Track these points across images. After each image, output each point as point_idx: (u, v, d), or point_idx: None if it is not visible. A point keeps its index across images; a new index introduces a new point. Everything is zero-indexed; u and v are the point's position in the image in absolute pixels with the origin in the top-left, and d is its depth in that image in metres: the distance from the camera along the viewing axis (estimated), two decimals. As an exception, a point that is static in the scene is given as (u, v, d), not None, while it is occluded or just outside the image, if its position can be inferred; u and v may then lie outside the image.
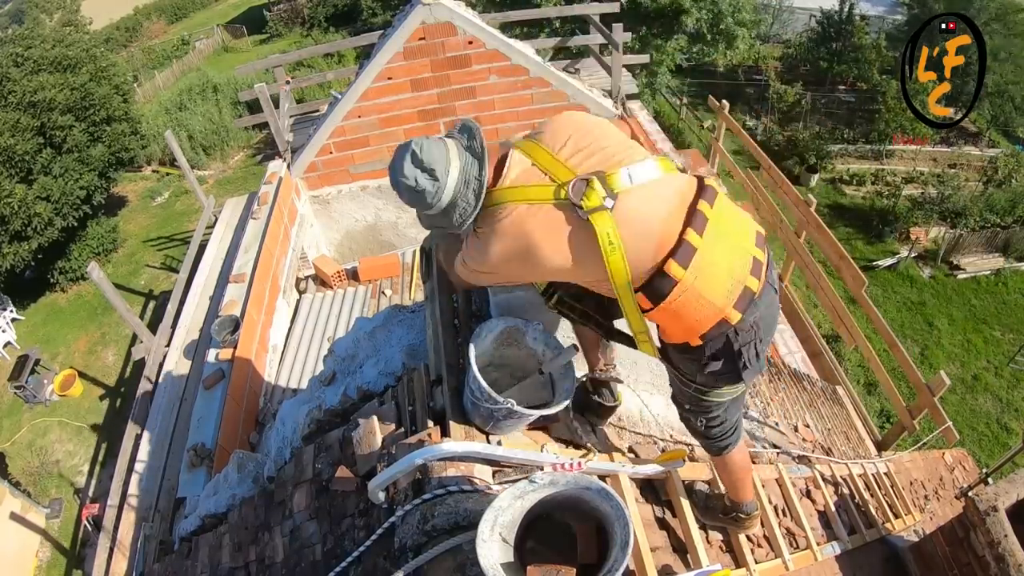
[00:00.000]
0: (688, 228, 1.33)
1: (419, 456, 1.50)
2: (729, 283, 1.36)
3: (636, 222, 1.33)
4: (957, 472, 4.67)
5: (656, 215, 1.35)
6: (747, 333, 1.41)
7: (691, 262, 1.32)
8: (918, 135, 13.91)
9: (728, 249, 1.38)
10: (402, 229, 6.48)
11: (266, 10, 23.89)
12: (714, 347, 1.42)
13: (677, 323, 1.40)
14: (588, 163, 1.38)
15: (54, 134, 10.38)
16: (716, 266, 1.35)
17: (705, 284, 1.34)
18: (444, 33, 5.24)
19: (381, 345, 2.38)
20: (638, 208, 1.34)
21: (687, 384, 1.57)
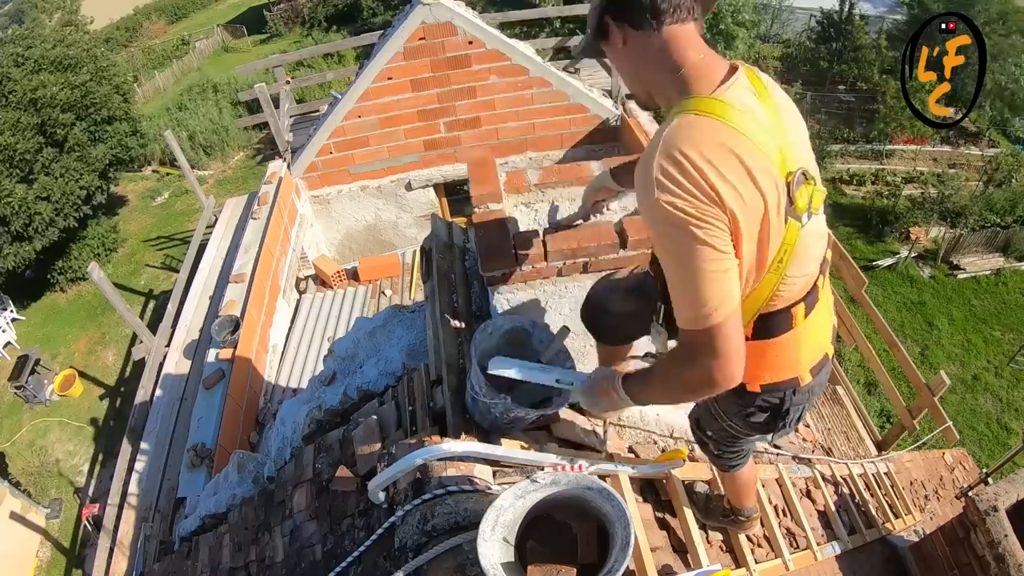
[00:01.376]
0: (821, 275, 1.21)
1: (419, 456, 1.50)
2: (819, 345, 1.28)
3: (806, 252, 1.15)
4: (957, 472, 4.66)
5: (817, 254, 1.20)
6: (802, 396, 1.31)
7: (812, 313, 1.21)
8: (918, 135, 13.92)
9: (826, 308, 1.28)
10: (402, 229, 6.47)
11: (266, 10, 23.89)
12: (768, 400, 1.31)
13: (754, 362, 1.22)
14: (803, 158, 1.12)
15: (55, 133, 10.38)
16: (818, 324, 1.25)
17: (806, 338, 1.23)
18: (444, 33, 5.24)
19: (381, 345, 2.38)
20: (813, 239, 1.16)
21: (719, 419, 1.48)
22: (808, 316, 1.21)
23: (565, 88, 5.74)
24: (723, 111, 1.01)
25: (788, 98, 1.20)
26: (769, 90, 1.13)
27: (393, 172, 6.04)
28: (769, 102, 1.10)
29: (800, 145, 1.14)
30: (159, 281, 12.64)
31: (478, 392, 1.55)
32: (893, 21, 16.76)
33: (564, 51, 8.10)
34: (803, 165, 1.09)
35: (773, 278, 1.13)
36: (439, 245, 2.18)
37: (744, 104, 1.05)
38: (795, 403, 1.32)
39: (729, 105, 1.03)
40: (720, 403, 1.44)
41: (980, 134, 14.90)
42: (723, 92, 1.05)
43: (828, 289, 1.31)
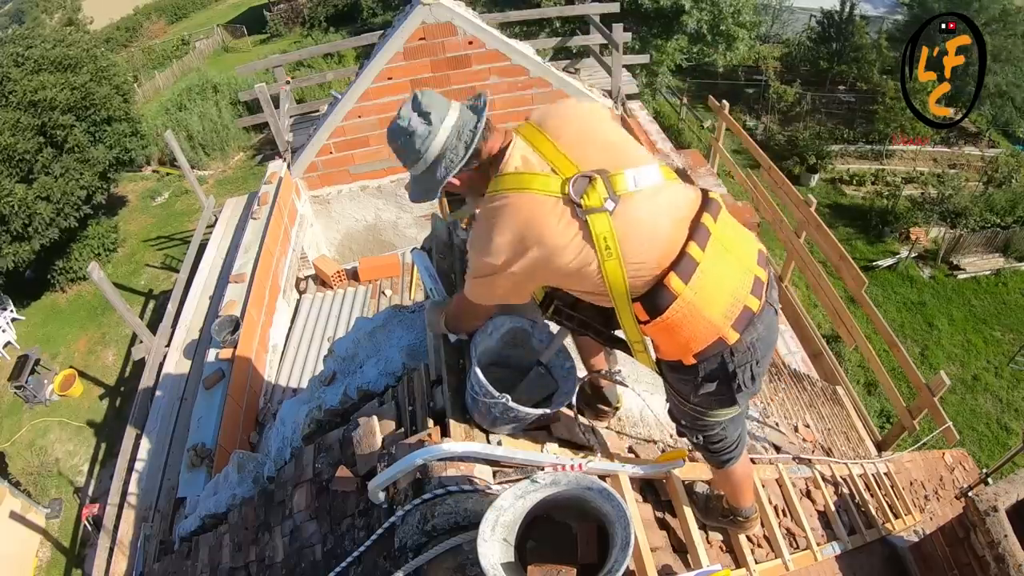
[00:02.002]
0: (691, 241, 1.28)
1: (419, 456, 1.50)
2: (729, 301, 1.32)
3: (638, 229, 1.28)
4: (957, 472, 4.66)
5: (660, 224, 1.30)
6: (743, 354, 1.35)
7: (692, 277, 1.27)
8: (918, 135, 13.93)
9: (730, 266, 1.33)
10: (402, 229, 6.48)
11: (266, 10, 23.89)
12: (708, 368, 1.37)
13: (671, 339, 1.35)
14: (592, 159, 1.31)
15: (55, 134, 10.38)
16: (717, 283, 1.31)
17: (704, 301, 1.29)
18: (444, 33, 5.24)
19: (381, 345, 2.38)
20: (641, 215, 1.28)
21: (682, 402, 1.52)
22: (691, 281, 1.27)
23: (565, 88, 5.74)
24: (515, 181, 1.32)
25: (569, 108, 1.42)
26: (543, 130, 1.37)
27: (393, 172, 6.05)
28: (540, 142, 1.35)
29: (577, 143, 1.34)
30: (159, 281, 12.64)
31: (478, 392, 1.55)
32: (893, 21, 16.77)
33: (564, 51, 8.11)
34: (585, 164, 1.30)
35: (613, 265, 1.27)
36: (439, 245, 2.19)
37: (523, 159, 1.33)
38: (738, 363, 1.36)
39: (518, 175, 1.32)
40: (674, 386, 1.50)
41: (980, 134, 14.90)
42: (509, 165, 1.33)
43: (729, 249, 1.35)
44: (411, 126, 1.35)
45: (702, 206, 1.35)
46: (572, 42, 7.53)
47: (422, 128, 1.34)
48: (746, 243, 1.41)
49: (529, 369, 1.74)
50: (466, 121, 1.36)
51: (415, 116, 1.35)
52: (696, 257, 1.28)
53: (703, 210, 1.33)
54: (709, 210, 1.34)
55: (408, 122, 1.35)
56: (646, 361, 1.49)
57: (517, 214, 1.29)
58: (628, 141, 1.41)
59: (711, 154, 6.88)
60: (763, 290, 1.37)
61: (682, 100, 16.12)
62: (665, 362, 1.45)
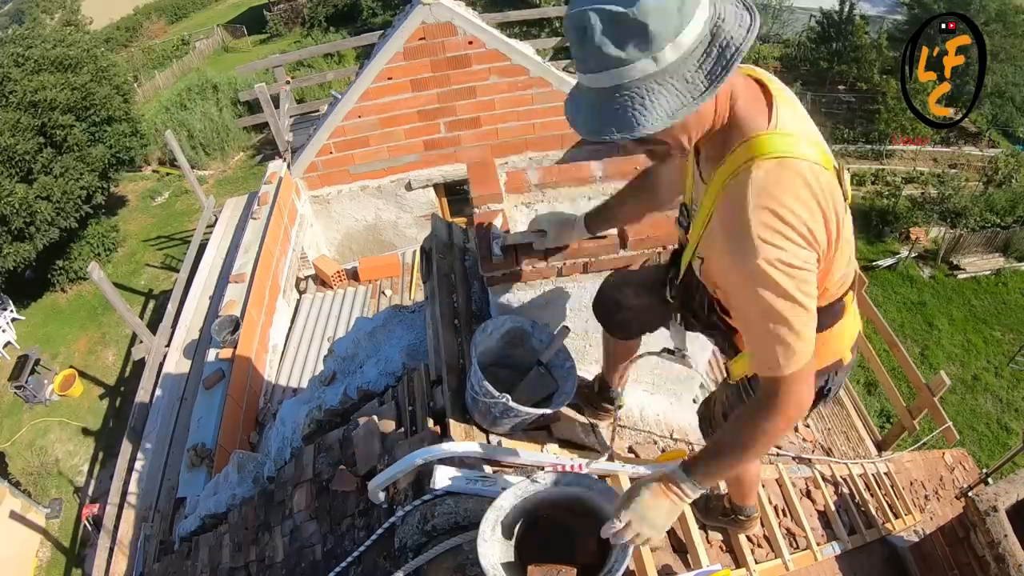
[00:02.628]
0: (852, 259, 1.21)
1: (419, 456, 1.51)
2: (857, 325, 1.29)
3: (849, 238, 1.15)
4: (957, 472, 4.66)
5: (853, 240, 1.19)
6: (843, 373, 1.32)
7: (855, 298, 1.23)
8: (918, 135, 13.92)
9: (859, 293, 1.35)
10: (402, 229, 6.47)
11: (266, 10, 23.88)
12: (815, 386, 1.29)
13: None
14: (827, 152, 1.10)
15: (55, 134, 10.38)
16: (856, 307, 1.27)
17: (851, 322, 1.25)
18: (444, 33, 5.24)
19: (381, 345, 2.38)
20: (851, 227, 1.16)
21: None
22: (854, 301, 1.25)
23: (565, 88, 5.73)
24: (789, 146, 0.99)
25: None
26: (784, 92, 1.09)
27: (393, 172, 6.04)
28: (794, 105, 1.08)
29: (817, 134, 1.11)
30: (159, 281, 12.64)
31: (478, 392, 1.55)
32: (893, 21, 16.77)
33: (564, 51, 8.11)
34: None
35: (844, 270, 1.17)
36: (439, 245, 2.18)
37: (796, 127, 1.02)
38: (837, 382, 1.34)
39: (792, 136, 1.00)
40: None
41: (980, 134, 14.90)
42: (781, 124, 1.01)
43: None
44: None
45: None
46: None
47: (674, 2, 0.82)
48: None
49: (529, 369, 1.74)
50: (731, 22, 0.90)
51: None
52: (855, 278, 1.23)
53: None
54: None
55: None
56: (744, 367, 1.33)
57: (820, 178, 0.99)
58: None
59: (711, 154, 6.86)
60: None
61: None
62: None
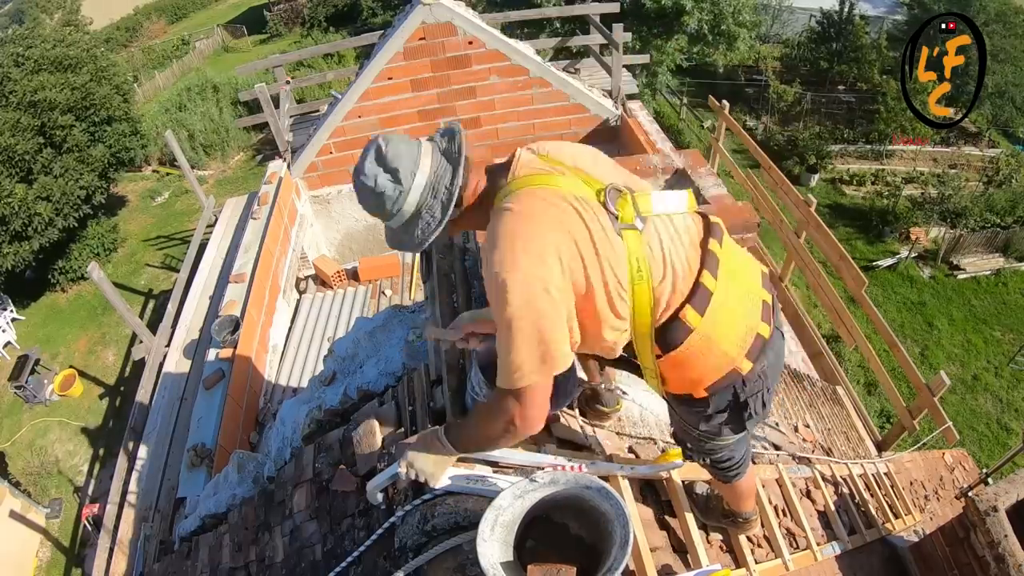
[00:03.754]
0: (704, 270, 1.20)
1: (419, 456, 1.50)
2: (743, 331, 1.25)
3: (659, 254, 1.19)
4: (957, 472, 4.66)
5: (679, 252, 1.21)
6: (755, 383, 1.29)
7: (708, 309, 1.20)
8: (918, 135, 13.93)
9: (741, 293, 1.26)
10: (402, 229, 6.48)
11: (266, 10, 23.90)
12: (719, 400, 1.30)
13: (682, 374, 1.27)
14: (612, 178, 1.22)
15: (54, 134, 10.38)
16: (731, 313, 1.23)
17: (720, 333, 1.22)
18: (444, 33, 5.24)
19: (381, 345, 2.38)
20: (663, 239, 1.19)
21: (689, 429, 1.46)
22: (706, 313, 1.20)
23: (565, 88, 5.74)
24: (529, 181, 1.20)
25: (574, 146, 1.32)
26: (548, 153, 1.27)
27: (393, 172, 6.04)
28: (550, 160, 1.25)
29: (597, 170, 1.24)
30: (159, 281, 12.65)
31: (478, 392, 1.55)
32: (893, 21, 16.78)
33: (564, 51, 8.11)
34: (611, 182, 1.20)
35: (643, 289, 1.17)
36: (439, 245, 2.18)
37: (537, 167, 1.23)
38: (749, 392, 1.29)
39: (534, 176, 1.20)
40: (682, 415, 1.43)
41: (980, 134, 14.90)
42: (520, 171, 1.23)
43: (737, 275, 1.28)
44: (378, 186, 1.19)
45: (707, 231, 1.27)
46: (572, 42, 7.53)
47: (391, 188, 1.19)
48: (750, 266, 1.34)
49: None
50: (440, 175, 1.21)
51: (381, 174, 1.19)
52: (710, 287, 1.20)
53: (708, 235, 1.26)
54: (714, 235, 1.26)
55: (374, 181, 1.19)
56: (656, 387, 1.39)
57: (555, 205, 1.14)
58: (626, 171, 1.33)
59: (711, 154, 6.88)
60: (771, 315, 1.31)
61: (682, 100, 16.12)
62: (674, 395, 1.37)
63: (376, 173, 1.18)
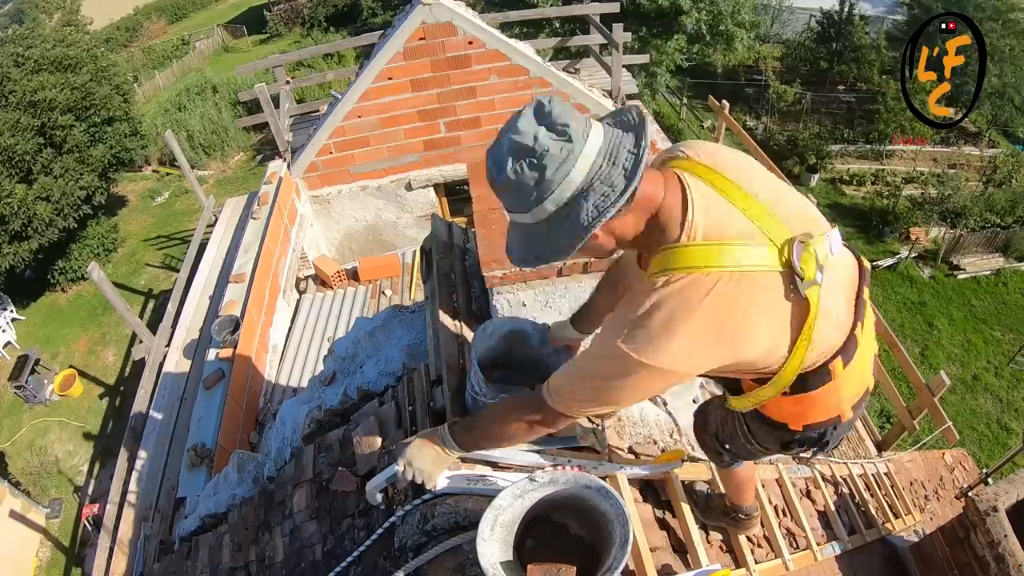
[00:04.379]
0: (858, 322, 1.11)
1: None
2: (861, 383, 1.20)
3: (829, 308, 1.05)
4: (957, 472, 4.66)
5: (841, 304, 1.10)
6: (845, 427, 1.25)
7: (852, 360, 1.11)
8: (918, 135, 13.92)
9: (869, 346, 1.17)
10: (402, 229, 6.48)
11: (266, 10, 23.89)
12: (810, 436, 1.25)
13: (792, 409, 1.20)
14: (791, 219, 1.03)
15: (54, 134, 10.38)
16: (862, 364, 1.15)
17: (848, 382, 1.15)
18: (444, 33, 5.24)
19: (381, 345, 2.38)
20: (833, 289, 1.06)
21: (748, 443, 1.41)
22: (849, 364, 1.12)
23: (565, 88, 5.74)
24: (708, 257, 0.95)
25: (738, 155, 1.11)
26: (720, 171, 1.04)
27: (393, 172, 6.04)
28: (725, 185, 1.02)
29: (773, 196, 1.05)
30: (159, 281, 12.64)
31: (479, 392, 1.55)
32: (893, 21, 16.77)
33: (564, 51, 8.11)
34: (790, 224, 1.02)
35: (802, 350, 1.05)
36: (439, 245, 2.18)
37: (715, 221, 0.98)
38: (836, 435, 1.28)
39: (712, 247, 0.96)
40: (755, 433, 1.37)
41: (980, 134, 14.90)
42: (697, 225, 0.97)
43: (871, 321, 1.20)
44: (539, 144, 0.93)
45: (860, 277, 1.16)
46: (572, 42, 7.53)
47: (556, 147, 0.93)
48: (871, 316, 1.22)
49: (530, 369, 1.74)
50: (618, 141, 0.96)
51: (542, 131, 0.94)
52: (859, 340, 1.11)
53: (861, 282, 1.15)
54: (865, 282, 1.15)
55: (534, 139, 0.93)
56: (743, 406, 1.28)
57: (723, 301, 0.95)
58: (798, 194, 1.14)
59: (711, 154, 6.86)
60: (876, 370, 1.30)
61: (682, 100, 16.12)
62: (765, 417, 1.29)
63: (536, 131, 0.94)
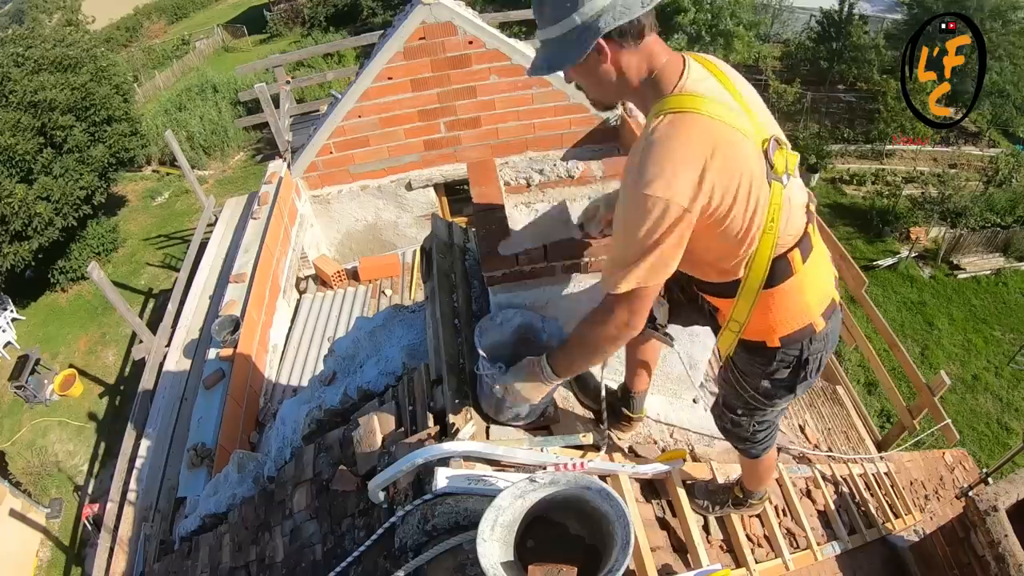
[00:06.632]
0: (809, 224, 1.33)
1: (419, 456, 1.51)
2: (824, 289, 1.38)
3: (790, 208, 1.26)
4: (957, 472, 4.66)
5: (798, 207, 1.30)
6: (820, 343, 1.39)
7: (808, 257, 1.32)
8: (918, 135, 13.92)
9: (824, 257, 1.40)
10: (402, 229, 6.47)
11: (266, 10, 23.90)
12: (787, 353, 1.39)
13: (767, 317, 1.35)
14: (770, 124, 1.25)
15: (54, 134, 10.38)
16: (819, 269, 1.36)
17: (809, 284, 1.34)
18: (444, 33, 5.23)
19: (381, 345, 2.38)
20: (793, 195, 1.27)
21: (744, 390, 1.54)
22: (806, 262, 1.31)
23: (565, 88, 5.73)
24: (695, 103, 1.13)
25: (739, 74, 1.30)
26: (722, 70, 1.25)
27: (393, 172, 6.04)
28: (726, 81, 1.22)
29: (763, 114, 1.25)
30: (159, 280, 12.65)
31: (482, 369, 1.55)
32: (893, 21, 16.76)
33: (564, 51, 8.08)
34: (773, 132, 1.22)
35: (770, 238, 1.24)
36: (439, 245, 2.18)
37: (707, 88, 1.17)
38: (813, 351, 1.40)
39: (699, 97, 1.14)
40: (744, 370, 1.50)
41: (980, 134, 14.89)
42: (689, 85, 1.16)
43: (819, 239, 1.40)
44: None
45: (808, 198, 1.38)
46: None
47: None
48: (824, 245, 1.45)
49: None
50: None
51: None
52: (813, 241, 1.33)
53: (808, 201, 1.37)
54: (812, 202, 1.38)
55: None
56: (728, 342, 1.44)
57: (711, 132, 1.11)
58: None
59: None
60: (837, 285, 1.45)
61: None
62: (745, 343, 1.43)
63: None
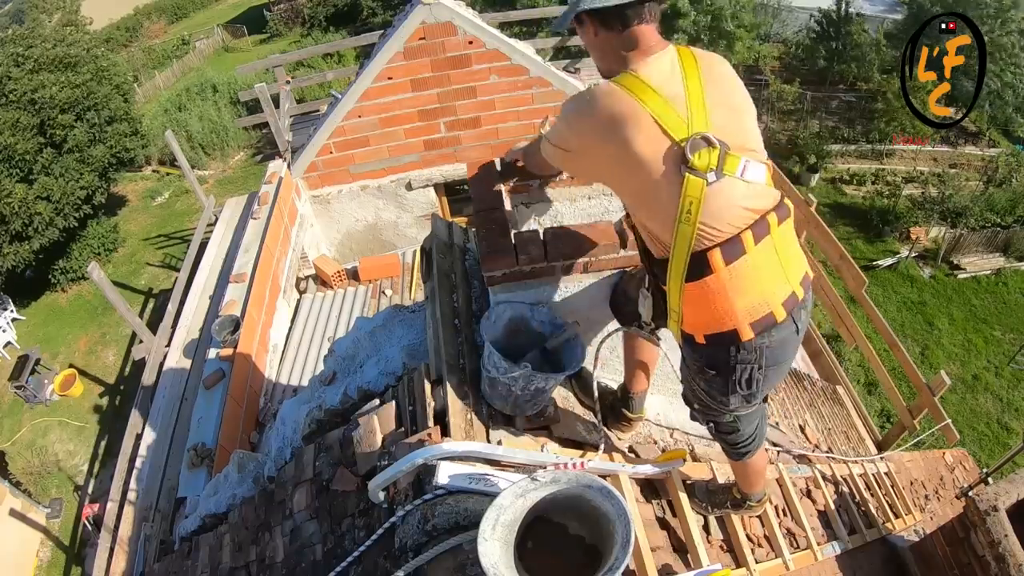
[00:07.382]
0: (748, 231, 1.30)
1: (419, 456, 1.51)
2: (756, 300, 1.33)
3: (717, 206, 1.28)
4: (957, 472, 4.66)
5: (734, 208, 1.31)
6: (748, 354, 1.37)
7: (734, 263, 1.29)
8: (918, 135, 13.91)
9: (772, 269, 1.35)
10: (402, 229, 6.47)
11: (266, 10, 23.90)
12: (714, 354, 1.40)
13: (694, 312, 1.38)
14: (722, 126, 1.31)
15: (55, 134, 10.38)
16: (754, 277, 1.32)
17: (735, 288, 1.31)
18: (444, 33, 5.23)
19: (381, 345, 2.38)
20: (726, 195, 1.29)
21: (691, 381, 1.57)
22: (731, 266, 1.29)
23: (565, 88, 5.73)
24: (631, 84, 1.29)
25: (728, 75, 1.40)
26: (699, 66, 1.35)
27: (393, 172, 6.04)
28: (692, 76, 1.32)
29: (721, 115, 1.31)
30: (159, 281, 12.65)
31: (497, 370, 1.55)
32: (892, 21, 16.76)
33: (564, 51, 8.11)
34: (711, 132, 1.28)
35: (687, 229, 1.28)
36: (439, 245, 2.18)
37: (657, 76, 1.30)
38: (741, 360, 1.38)
39: (639, 79, 1.30)
40: (687, 362, 1.55)
41: (980, 134, 14.89)
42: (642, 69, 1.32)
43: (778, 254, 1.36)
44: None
45: (774, 207, 1.35)
46: (572, 42, 7.53)
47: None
48: (798, 260, 1.42)
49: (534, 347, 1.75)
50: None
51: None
52: (746, 246, 1.30)
53: (772, 209, 1.34)
54: (779, 213, 1.35)
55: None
56: (673, 331, 1.49)
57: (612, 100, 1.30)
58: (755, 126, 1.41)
59: (711, 154, 6.86)
60: (794, 306, 1.38)
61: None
62: (684, 335, 1.46)
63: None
